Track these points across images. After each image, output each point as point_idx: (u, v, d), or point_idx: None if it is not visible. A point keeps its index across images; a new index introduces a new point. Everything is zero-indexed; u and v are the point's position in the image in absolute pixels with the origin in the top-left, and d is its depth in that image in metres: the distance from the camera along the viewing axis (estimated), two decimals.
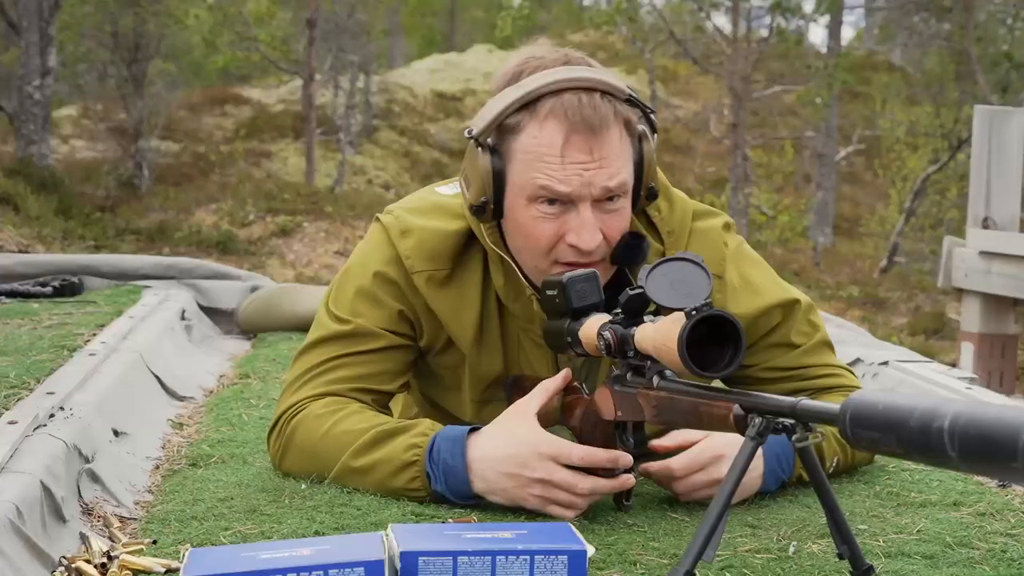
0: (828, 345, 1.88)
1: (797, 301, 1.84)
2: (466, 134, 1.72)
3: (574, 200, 1.64)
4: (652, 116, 1.74)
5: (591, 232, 1.64)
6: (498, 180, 1.68)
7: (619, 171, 1.65)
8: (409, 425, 1.69)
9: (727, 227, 1.87)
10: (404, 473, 1.65)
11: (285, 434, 1.77)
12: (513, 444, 1.59)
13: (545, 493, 1.58)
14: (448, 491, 1.63)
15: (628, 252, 1.69)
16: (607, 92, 1.65)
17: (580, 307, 1.56)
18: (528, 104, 1.65)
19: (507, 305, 1.79)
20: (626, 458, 1.58)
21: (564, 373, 1.67)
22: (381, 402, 1.83)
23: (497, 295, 1.80)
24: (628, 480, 1.59)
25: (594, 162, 1.63)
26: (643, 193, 1.72)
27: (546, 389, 1.65)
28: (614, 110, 1.65)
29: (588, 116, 1.62)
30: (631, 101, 1.69)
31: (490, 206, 1.70)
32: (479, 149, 1.68)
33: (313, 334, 1.85)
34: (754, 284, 1.82)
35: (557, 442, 1.58)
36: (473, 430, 1.64)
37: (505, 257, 1.75)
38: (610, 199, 1.66)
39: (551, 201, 1.65)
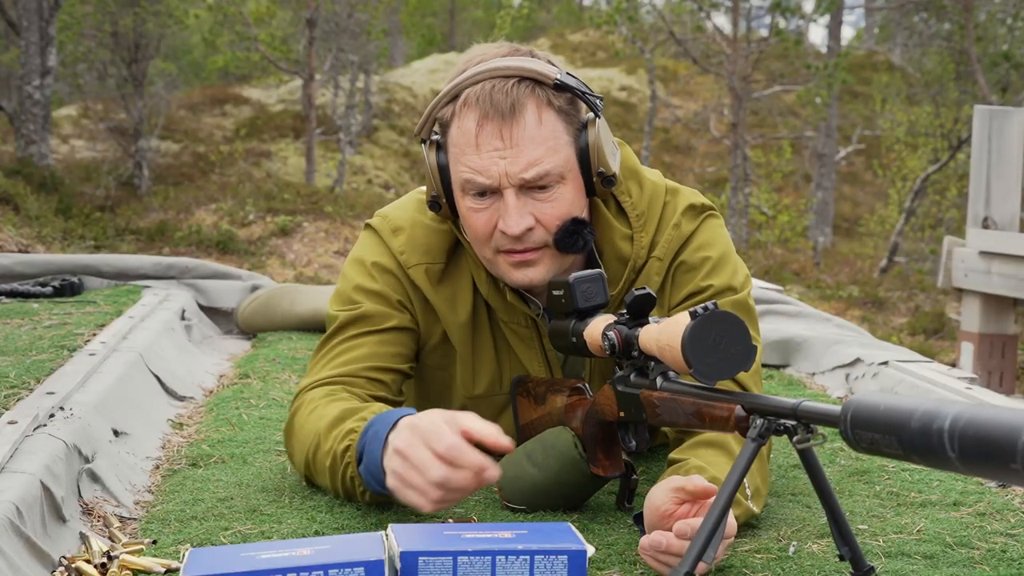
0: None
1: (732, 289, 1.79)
2: (414, 132, 1.78)
3: (498, 189, 1.66)
4: (593, 99, 1.71)
5: (515, 218, 1.65)
6: (444, 175, 1.73)
7: (539, 159, 1.64)
8: (358, 408, 1.66)
9: (692, 208, 1.82)
10: (342, 459, 1.61)
11: (288, 418, 1.79)
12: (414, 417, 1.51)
13: (402, 469, 1.46)
14: (367, 472, 1.55)
15: (567, 238, 1.69)
16: (528, 78, 1.65)
17: (586, 307, 1.56)
18: (456, 96, 1.68)
19: (488, 300, 1.81)
20: (505, 440, 1.44)
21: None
22: (398, 383, 1.83)
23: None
24: (490, 476, 1.43)
25: (508, 149, 1.64)
26: (595, 179, 1.71)
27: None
28: (532, 96, 1.65)
29: (498, 101, 1.63)
30: (561, 87, 1.67)
31: (442, 200, 1.74)
32: (424, 145, 1.74)
33: (327, 331, 1.86)
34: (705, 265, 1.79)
35: (438, 420, 1.45)
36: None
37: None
38: (541, 187, 1.67)
39: (481, 193, 1.68)
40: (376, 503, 1.66)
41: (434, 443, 1.43)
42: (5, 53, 16.11)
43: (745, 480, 1.58)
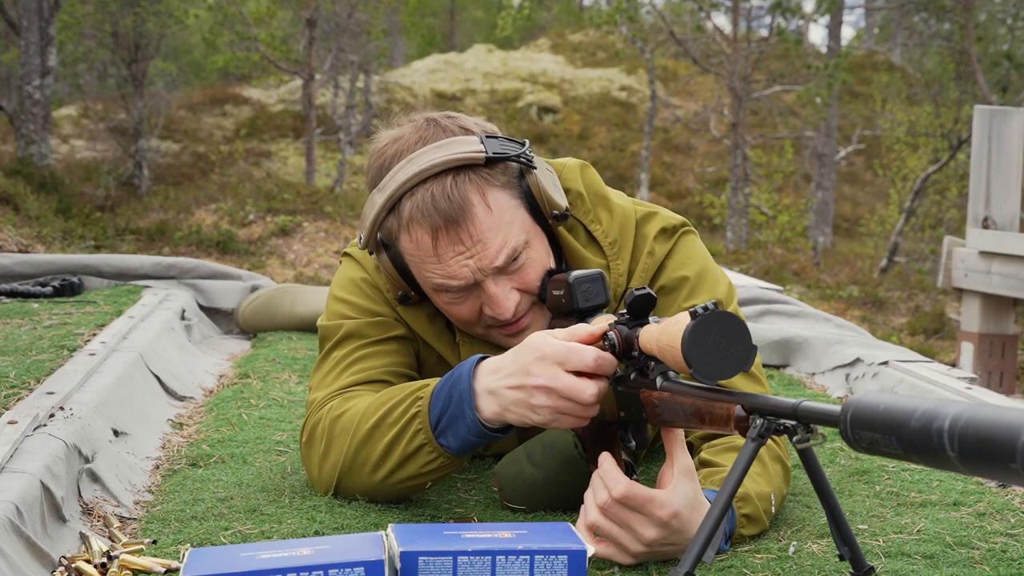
0: None
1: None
2: (359, 246, 1.76)
3: (475, 283, 1.65)
4: (523, 156, 1.67)
5: (503, 305, 1.66)
6: (403, 272, 1.72)
7: (504, 244, 1.64)
8: (409, 384, 1.64)
9: (664, 232, 1.82)
10: (409, 427, 1.57)
11: (316, 435, 1.71)
12: (519, 352, 1.48)
13: (552, 403, 1.45)
14: (452, 430, 1.54)
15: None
16: (461, 168, 1.62)
17: (586, 307, 1.56)
18: (393, 208, 1.65)
19: (462, 344, 1.81)
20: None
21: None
22: None
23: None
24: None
25: (471, 248, 1.62)
26: (551, 223, 1.71)
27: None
28: (471, 185, 1.62)
29: (444, 209, 1.60)
30: (492, 161, 1.64)
31: (411, 294, 1.74)
32: (374, 255, 1.73)
33: (325, 344, 1.82)
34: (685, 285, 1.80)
35: (565, 345, 1.45)
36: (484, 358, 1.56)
37: None
38: (514, 260, 1.66)
39: (457, 289, 1.66)
40: (406, 493, 1.65)
41: (575, 365, 1.44)
42: (5, 53, 16.11)
43: (772, 496, 1.60)
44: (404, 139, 1.67)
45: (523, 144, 1.70)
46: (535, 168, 1.70)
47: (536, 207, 1.69)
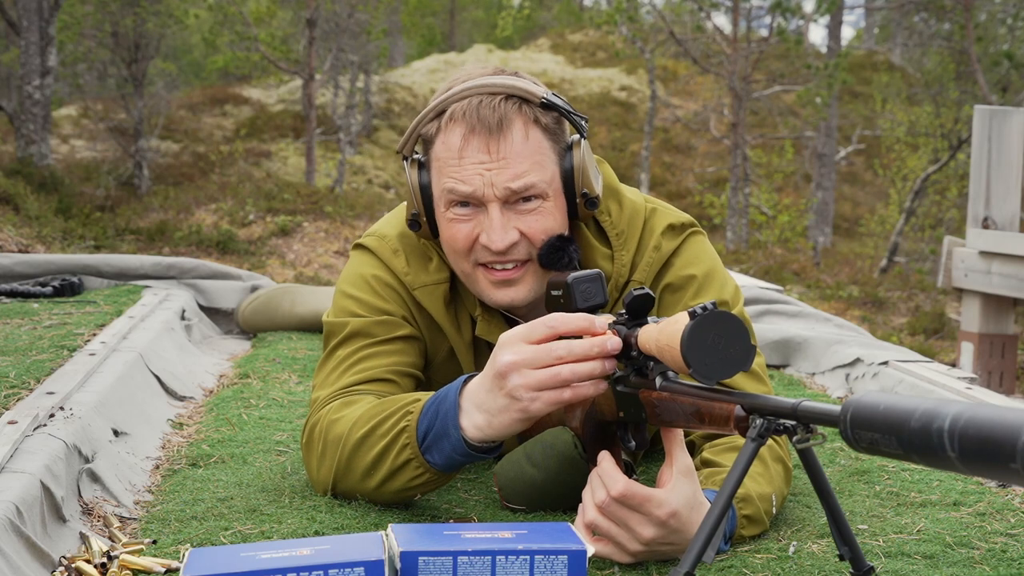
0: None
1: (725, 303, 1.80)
2: (396, 148, 1.76)
3: (482, 200, 1.65)
4: (578, 119, 1.71)
5: (500, 232, 1.65)
6: (425, 193, 1.72)
7: (526, 172, 1.64)
8: (397, 398, 1.64)
9: (672, 228, 1.82)
10: (398, 441, 1.57)
11: (314, 437, 1.71)
12: (490, 358, 1.46)
13: (524, 380, 1.41)
14: (437, 448, 1.53)
15: (552, 254, 1.68)
16: (515, 96, 1.65)
17: (585, 307, 1.56)
18: (441, 112, 1.67)
19: (472, 316, 1.80)
20: (602, 320, 1.42)
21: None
22: (415, 390, 1.80)
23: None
24: (608, 338, 1.40)
25: (494, 162, 1.63)
26: (578, 200, 1.71)
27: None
28: (519, 112, 1.65)
29: (485, 116, 1.63)
30: (547, 106, 1.67)
31: (422, 219, 1.73)
32: (406, 163, 1.73)
33: (330, 341, 1.82)
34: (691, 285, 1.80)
35: (525, 325, 1.44)
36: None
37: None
38: (526, 200, 1.66)
39: (463, 204, 1.66)
40: (408, 497, 1.64)
41: (537, 337, 1.42)
42: (5, 53, 16.12)
43: (773, 497, 1.60)
44: (476, 72, 1.71)
45: (584, 118, 1.73)
46: (585, 138, 1.72)
47: (571, 180, 1.70)
